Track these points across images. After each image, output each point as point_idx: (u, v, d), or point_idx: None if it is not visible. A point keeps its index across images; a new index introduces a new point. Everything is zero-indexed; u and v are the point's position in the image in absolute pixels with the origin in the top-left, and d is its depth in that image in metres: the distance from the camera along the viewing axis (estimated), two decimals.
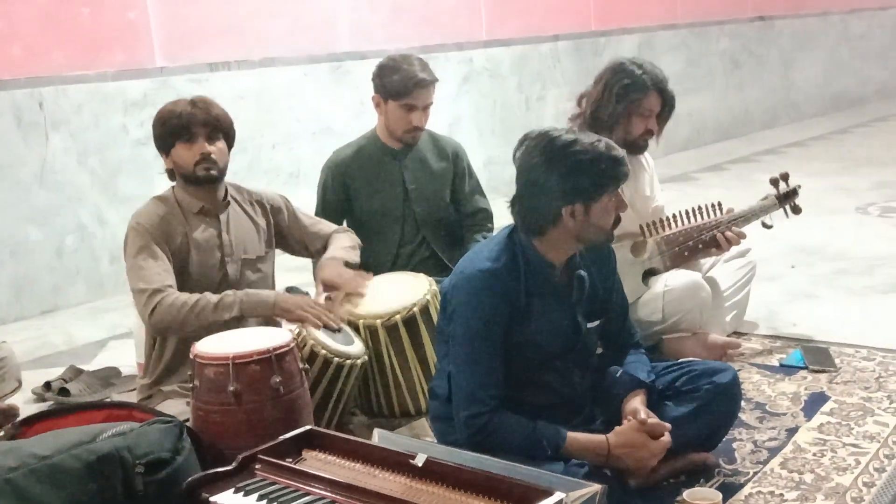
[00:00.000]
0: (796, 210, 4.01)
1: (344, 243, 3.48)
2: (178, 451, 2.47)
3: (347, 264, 3.40)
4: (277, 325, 3.28)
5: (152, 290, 3.03)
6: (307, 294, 3.50)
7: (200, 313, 3.01)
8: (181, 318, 3.01)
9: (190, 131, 3.17)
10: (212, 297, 3.05)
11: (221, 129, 3.25)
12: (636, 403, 2.75)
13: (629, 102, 3.68)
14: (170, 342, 3.21)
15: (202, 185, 3.23)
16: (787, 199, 3.97)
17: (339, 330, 3.19)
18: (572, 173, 2.58)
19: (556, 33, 8.27)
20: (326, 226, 3.58)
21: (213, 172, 3.21)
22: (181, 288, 3.11)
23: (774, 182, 3.97)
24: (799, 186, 4.01)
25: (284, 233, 3.48)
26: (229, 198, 3.32)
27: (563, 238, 2.68)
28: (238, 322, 3.08)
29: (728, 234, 3.77)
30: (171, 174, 3.28)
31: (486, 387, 2.62)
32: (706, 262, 4.02)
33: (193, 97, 3.27)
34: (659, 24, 9.36)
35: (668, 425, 2.68)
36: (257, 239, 3.36)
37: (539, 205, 2.64)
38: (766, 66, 10.81)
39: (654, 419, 2.68)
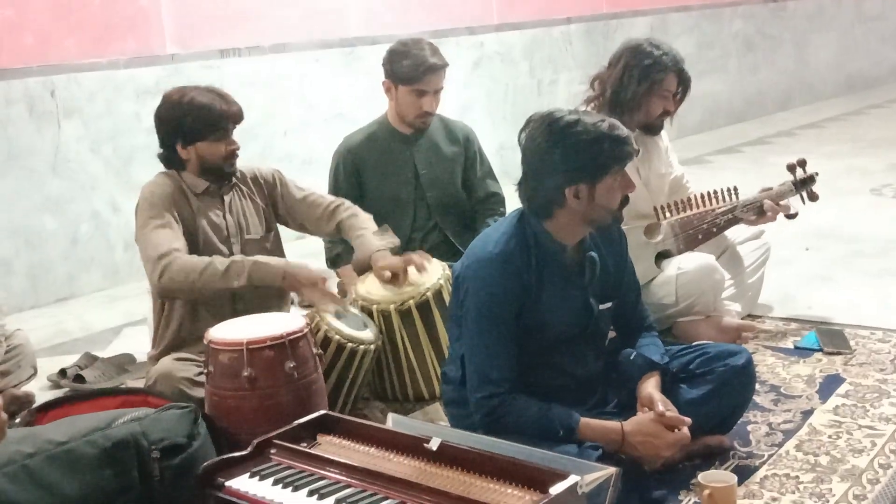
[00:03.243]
0: (813, 197, 3.96)
1: (370, 226, 3.44)
2: (194, 436, 2.48)
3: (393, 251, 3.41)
4: (286, 302, 3.29)
5: (161, 254, 3.04)
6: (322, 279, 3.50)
7: (209, 278, 3.04)
8: (190, 282, 3.03)
9: (223, 128, 3.19)
10: (220, 264, 3.06)
11: (242, 119, 3.28)
12: (651, 388, 2.74)
13: (650, 83, 3.67)
14: (175, 315, 3.23)
15: (225, 178, 3.26)
16: (803, 185, 3.93)
17: (346, 312, 3.20)
18: (574, 153, 2.58)
19: (567, 16, 8.23)
20: (319, 197, 3.54)
21: (236, 167, 3.28)
22: None
23: (791, 168, 3.93)
24: (816, 174, 3.96)
25: (279, 207, 3.47)
26: (234, 180, 3.35)
27: (570, 219, 2.67)
28: (248, 290, 3.10)
29: (776, 205, 3.81)
30: (169, 161, 3.27)
31: (498, 368, 2.63)
32: (720, 246, 4.01)
33: (209, 87, 3.25)
34: (671, 6, 9.30)
35: (687, 420, 2.65)
36: (259, 219, 3.38)
37: (544, 186, 2.63)
38: (779, 47, 10.73)
39: (672, 412, 2.65)
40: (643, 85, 3.66)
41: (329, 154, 4.08)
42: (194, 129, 3.18)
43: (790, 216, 3.90)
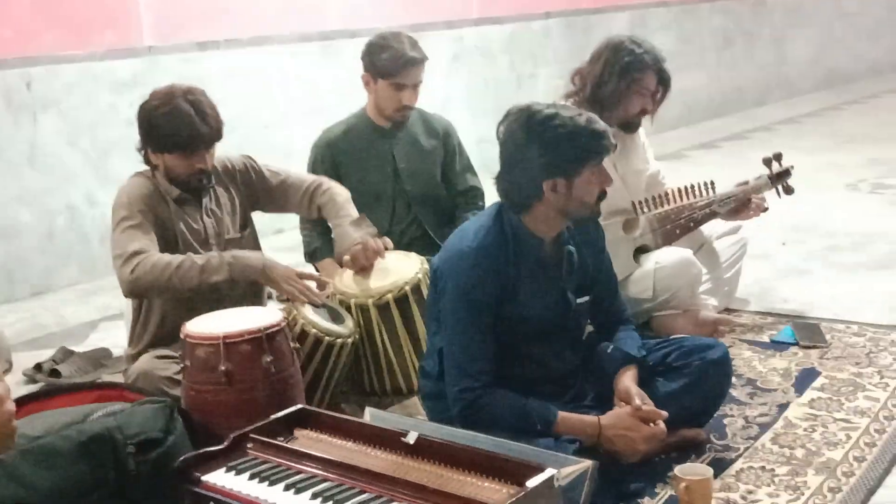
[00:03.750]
0: (788, 190, 3.99)
1: (349, 211, 3.39)
2: (170, 430, 2.47)
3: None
4: (262, 299, 3.28)
5: (133, 251, 2.98)
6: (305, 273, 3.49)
7: (185, 275, 2.98)
8: (164, 279, 2.96)
9: (191, 148, 3.11)
10: (197, 259, 3.02)
11: (219, 139, 3.20)
12: (628, 381, 2.75)
13: (629, 80, 3.65)
14: (154, 315, 3.18)
15: (193, 189, 3.20)
16: (779, 179, 3.96)
17: (323, 306, 3.19)
18: (552, 147, 2.58)
19: (547, 11, 8.24)
20: (298, 180, 3.49)
21: (205, 182, 3.20)
22: None
23: (767, 162, 3.95)
24: (792, 167, 3.99)
25: (255, 195, 3.42)
26: (207, 185, 3.27)
27: (548, 213, 2.68)
28: (228, 286, 3.07)
29: (756, 200, 3.85)
30: (146, 160, 3.21)
31: (476, 362, 2.63)
32: (697, 242, 4.02)
33: (191, 96, 3.12)
34: (651, 1, 9.32)
35: (664, 413, 2.67)
36: (235, 216, 3.34)
37: (521, 180, 2.64)
38: (758, 43, 10.78)
39: (648, 406, 2.67)
40: (622, 82, 3.65)
41: (308, 147, 4.07)
42: (162, 140, 3.11)
43: (762, 209, 3.93)
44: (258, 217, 3.50)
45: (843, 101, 10.74)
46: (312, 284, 3.18)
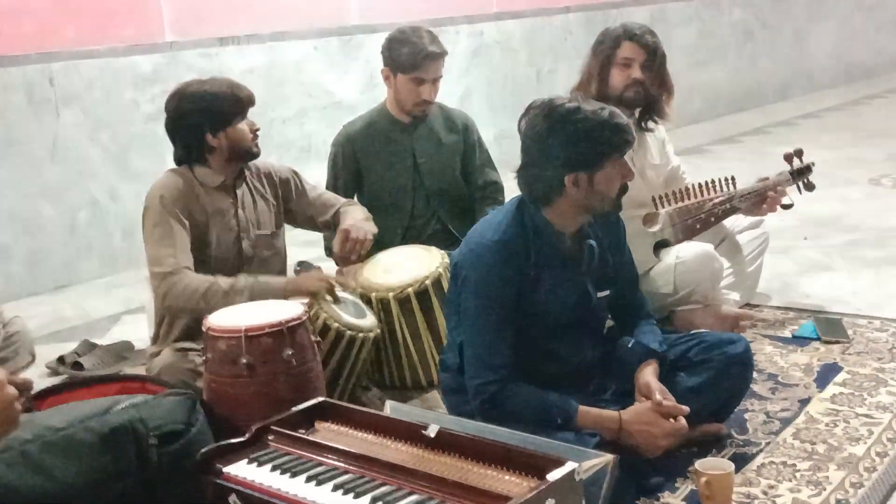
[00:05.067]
0: (809, 187, 3.98)
1: (358, 215, 3.46)
2: (192, 422, 2.48)
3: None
4: None
5: (165, 272, 3.02)
6: (319, 269, 3.49)
7: (211, 299, 3.01)
8: (193, 303, 3.02)
9: (245, 109, 3.22)
10: (223, 284, 3.04)
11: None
12: (648, 376, 2.74)
13: (602, 55, 3.70)
14: (180, 319, 3.20)
15: (251, 160, 3.27)
16: (800, 175, 3.94)
17: (345, 300, 3.20)
18: (574, 141, 2.58)
19: (567, 5, 8.22)
20: (333, 198, 3.56)
21: (257, 150, 3.29)
22: (200, 262, 3.12)
23: (788, 158, 3.94)
24: (813, 164, 3.98)
25: (291, 206, 3.46)
26: (244, 174, 3.32)
27: (569, 207, 2.67)
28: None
29: (772, 194, 3.81)
30: (188, 157, 3.22)
31: (497, 355, 2.63)
32: (719, 235, 4.01)
33: (211, 78, 3.28)
34: None
35: (685, 409, 2.66)
36: (269, 215, 3.36)
37: (543, 173, 2.63)
38: (779, 37, 10.71)
39: (669, 401, 2.66)
40: (595, 59, 3.73)
41: (327, 142, 4.08)
42: (225, 113, 3.17)
43: (785, 206, 3.91)
44: None
45: (864, 96, 10.66)
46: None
